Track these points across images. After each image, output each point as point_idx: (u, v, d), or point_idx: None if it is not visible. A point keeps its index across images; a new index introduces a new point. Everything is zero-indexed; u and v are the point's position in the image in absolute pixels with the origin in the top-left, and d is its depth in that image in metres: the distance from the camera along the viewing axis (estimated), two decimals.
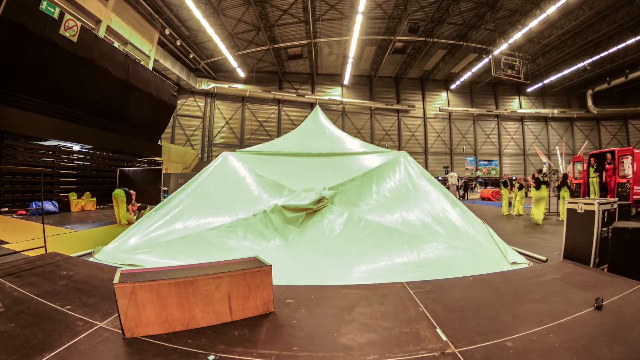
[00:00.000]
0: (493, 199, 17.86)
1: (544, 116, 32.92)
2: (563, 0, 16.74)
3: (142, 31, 17.03)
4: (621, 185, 8.86)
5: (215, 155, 27.19)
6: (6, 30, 8.13)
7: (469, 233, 4.40)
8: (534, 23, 19.04)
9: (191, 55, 23.07)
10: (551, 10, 17.62)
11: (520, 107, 33.22)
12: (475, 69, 26.83)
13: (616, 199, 4.16)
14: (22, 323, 2.07)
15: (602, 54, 23.52)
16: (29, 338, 1.88)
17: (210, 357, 1.77)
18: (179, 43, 20.87)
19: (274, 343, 1.91)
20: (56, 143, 11.40)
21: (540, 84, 29.65)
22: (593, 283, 2.91)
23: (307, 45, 24.02)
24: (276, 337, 1.98)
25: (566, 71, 26.74)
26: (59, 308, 2.30)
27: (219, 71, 27.51)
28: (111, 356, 1.79)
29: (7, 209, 9.05)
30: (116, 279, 1.96)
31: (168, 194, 15.75)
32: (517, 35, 20.56)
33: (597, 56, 23.87)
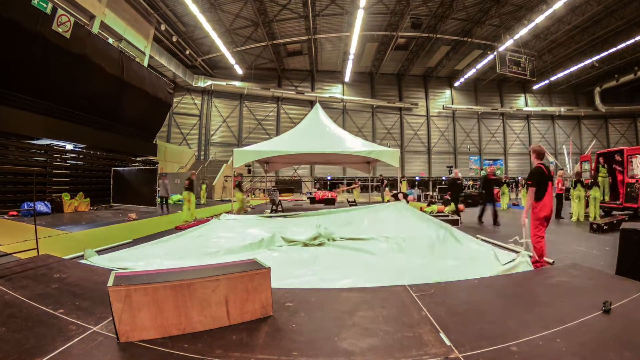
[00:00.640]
0: (498, 199, 17.83)
1: (551, 114, 32.92)
2: None
3: (137, 27, 17.02)
4: (630, 185, 8.84)
5: (213, 154, 27.30)
6: None
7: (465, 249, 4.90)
8: (540, 18, 19.04)
9: (187, 52, 23.07)
10: (558, 5, 17.61)
11: (526, 105, 33.21)
12: (479, 66, 26.83)
13: None
14: (14, 327, 2.06)
15: (610, 51, 23.50)
16: (20, 342, 1.88)
17: None
18: (175, 39, 20.87)
19: (272, 348, 1.91)
20: (48, 142, 11.40)
21: (546, 81, 29.64)
22: (601, 286, 2.91)
23: (307, 42, 24.01)
24: (275, 342, 1.98)
25: (573, 68, 26.72)
26: (51, 312, 2.30)
27: (216, 68, 27.51)
28: None
29: None
30: (110, 282, 1.96)
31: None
32: (523, 31, 20.56)
33: (605, 52, 23.86)
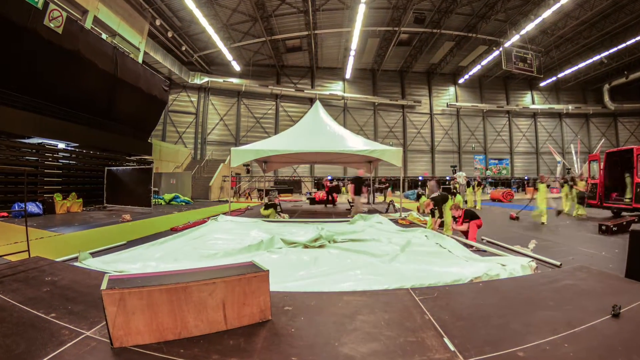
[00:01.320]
0: (504, 200, 17.87)
1: (558, 112, 32.93)
2: None
3: (132, 22, 17.03)
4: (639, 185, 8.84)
5: (209, 153, 27.30)
6: None
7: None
8: (547, 13, 19.03)
9: (183, 48, 23.08)
10: None
11: (533, 103, 33.23)
12: (485, 62, 26.84)
13: None
14: (4, 332, 2.06)
15: (620, 46, 23.51)
16: (10, 348, 1.88)
17: None
18: (170, 35, 20.88)
19: (271, 353, 1.91)
20: (40, 141, 11.40)
21: (554, 78, 29.66)
22: (610, 289, 2.91)
23: (307, 37, 24.02)
24: (273, 347, 1.98)
25: (581, 64, 26.73)
26: (43, 316, 2.30)
27: (213, 64, 27.52)
28: None
29: None
30: (104, 285, 1.95)
31: (159, 195, 15.72)
32: (530, 27, 20.55)
33: (615, 48, 23.86)
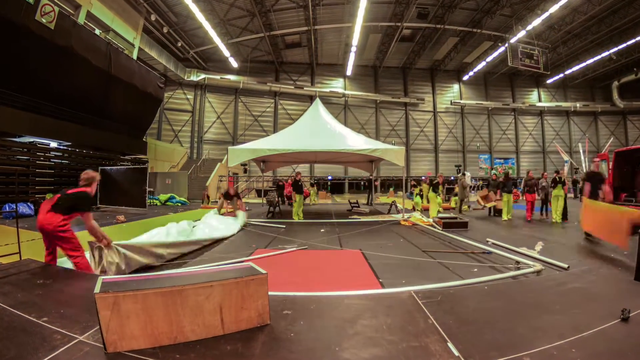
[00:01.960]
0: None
1: (566, 110, 32.92)
2: None
3: (126, 17, 17.03)
4: None
5: (206, 152, 27.31)
6: None
7: None
8: (554, 8, 19.03)
9: (179, 44, 23.07)
10: None
11: (540, 100, 33.21)
12: (490, 59, 26.83)
13: None
14: None
15: (629, 42, 23.48)
16: (1, 353, 1.88)
17: None
18: (165, 30, 20.86)
19: (269, 358, 1.91)
20: (31, 139, 11.40)
21: (561, 75, 29.63)
22: (619, 293, 2.91)
23: (306, 33, 24.02)
24: (272, 352, 1.98)
25: (589, 61, 26.72)
26: (34, 320, 2.29)
27: (210, 61, 27.51)
28: None
29: None
30: (97, 288, 1.95)
31: (154, 195, 15.70)
32: (536, 22, 20.56)
33: (624, 44, 23.85)
